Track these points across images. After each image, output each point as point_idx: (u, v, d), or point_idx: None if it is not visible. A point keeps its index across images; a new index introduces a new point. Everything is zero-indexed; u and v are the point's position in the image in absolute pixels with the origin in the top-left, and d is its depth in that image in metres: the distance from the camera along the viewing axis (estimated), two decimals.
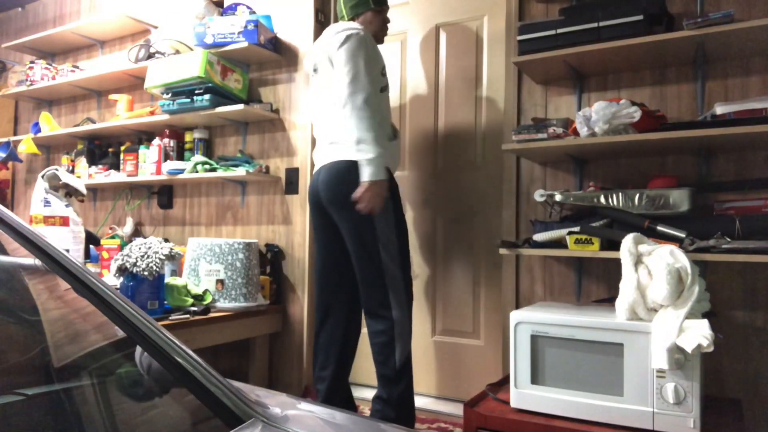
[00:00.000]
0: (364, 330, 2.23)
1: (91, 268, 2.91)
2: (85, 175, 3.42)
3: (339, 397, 2.17)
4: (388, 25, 2.31)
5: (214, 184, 3.14)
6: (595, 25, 1.95)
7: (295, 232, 2.85)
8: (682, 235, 1.74)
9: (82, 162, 3.49)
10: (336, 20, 2.91)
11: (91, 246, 3.08)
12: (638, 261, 1.62)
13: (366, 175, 1.96)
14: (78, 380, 0.91)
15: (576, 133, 1.96)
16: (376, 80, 2.09)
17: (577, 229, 1.89)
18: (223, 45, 2.84)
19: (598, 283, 2.18)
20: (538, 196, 2.06)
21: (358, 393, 2.49)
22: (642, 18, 1.88)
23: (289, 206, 2.89)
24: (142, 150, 3.20)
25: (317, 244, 2.25)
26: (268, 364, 2.82)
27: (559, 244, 1.95)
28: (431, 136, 2.69)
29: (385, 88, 2.17)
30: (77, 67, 3.70)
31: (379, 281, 2.06)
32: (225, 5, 3.05)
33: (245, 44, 2.77)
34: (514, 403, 1.71)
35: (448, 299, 2.62)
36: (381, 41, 2.28)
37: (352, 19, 2.24)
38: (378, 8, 2.24)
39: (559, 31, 2.01)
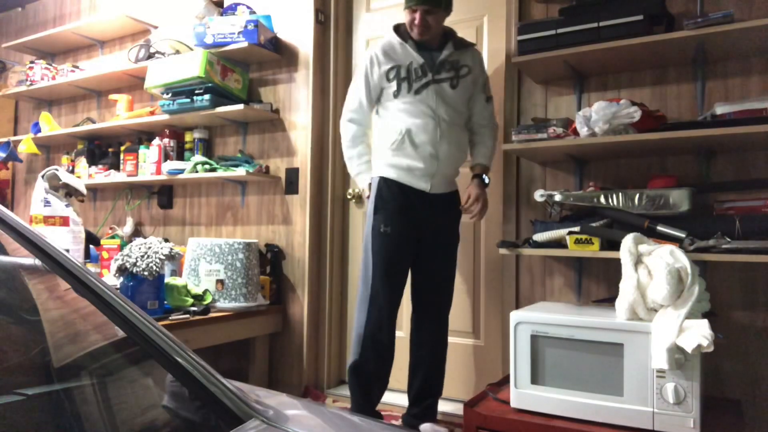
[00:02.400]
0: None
1: (91, 268, 2.92)
2: (85, 175, 3.42)
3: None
4: (416, 23, 2.10)
5: (214, 184, 3.14)
6: (595, 25, 1.95)
7: (295, 232, 2.85)
8: (682, 235, 1.74)
9: (82, 162, 3.49)
10: (336, 21, 2.92)
11: (91, 246, 3.08)
12: (638, 261, 1.62)
13: None
14: (78, 380, 0.91)
15: (576, 133, 1.95)
16: (375, 90, 2.21)
17: (577, 229, 1.89)
18: (223, 45, 2.84)
19: (598, 283, 2.18)
20: (538, 196, 2.05)
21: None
22: (642, 18, 1.88)
23: (289, 206, 2.89)
24: (142, 150, 3.20)
25: None
26: (268, 364, 2.82)
27: (559, 244, 1.95)
28: None
29: (398, 92, 2.13)
30: (77, 67, 3.70)
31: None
32: (225, 5, 3.05)
33: (245, 44, 2.77)
34: (514, 403, 1.71)
35: None
36: (416, 38, 2.14)
37: None
38: (405, 7, 2.14)
39: (559, 31, 2.01)
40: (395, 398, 2.50)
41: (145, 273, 2.17)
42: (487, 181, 2.20)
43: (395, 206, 2.12)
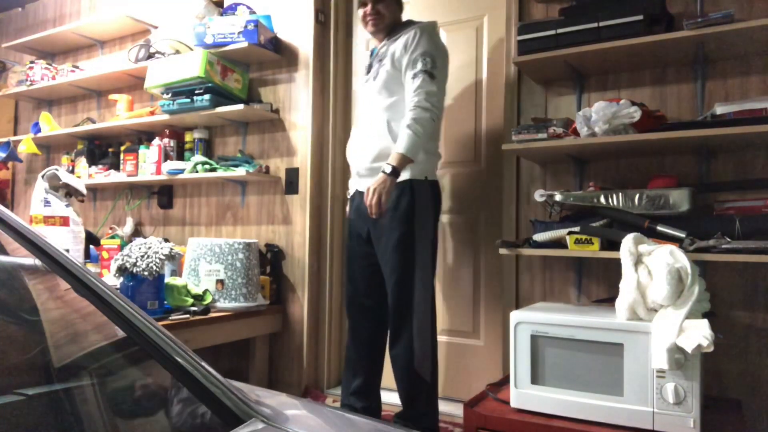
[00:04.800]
0: None
1: (91, 268, 2.92)
2: (85, 175, 3.42)
3: None
4: (368, 14, 2.20)
5: (214, 184, 3.14)
6: (595, 25, 1.95)
7: (295, 232, 2.85)
8: (682, 235, 1.74)
9: (82, 162, 3.49)
10: (336, 21, 2.92)
11: (91, 246, 3.08)
12: (638, 261, 1.62)
13: None
14: (78, 380, 0.91)
15: (576, 133, 1.95)
16: None
17: (577, 229, 1.89)
18: (223, 45, 2.84)
19: (598, 283, 2.18)
20: (538, 196, 2.05)
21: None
22: (642, 18, 1.88)
23: (289, 206, 2.89)
24: (142, 150, 3.20)
25: None
26: (268, 364, 2.82)
27: (559, 244, 1.95)
28: None
29: None
30: (77, 67, 3.70)
31: None
32: (225, 5, 3.05)
33: (245, 44, 2.77)
34: (514, 403, 1.71)
35: (448, 299, 2.62)
36: (370, 33, 2.28)
37: None
38: (358, 7, 2.26)
39: (559, 31, 2.01)
40: (395, 398, 2.50)
41: (145, 273, 2.17)
42: (388, 170, 1.94)
43: (350, 212, 2.34)
